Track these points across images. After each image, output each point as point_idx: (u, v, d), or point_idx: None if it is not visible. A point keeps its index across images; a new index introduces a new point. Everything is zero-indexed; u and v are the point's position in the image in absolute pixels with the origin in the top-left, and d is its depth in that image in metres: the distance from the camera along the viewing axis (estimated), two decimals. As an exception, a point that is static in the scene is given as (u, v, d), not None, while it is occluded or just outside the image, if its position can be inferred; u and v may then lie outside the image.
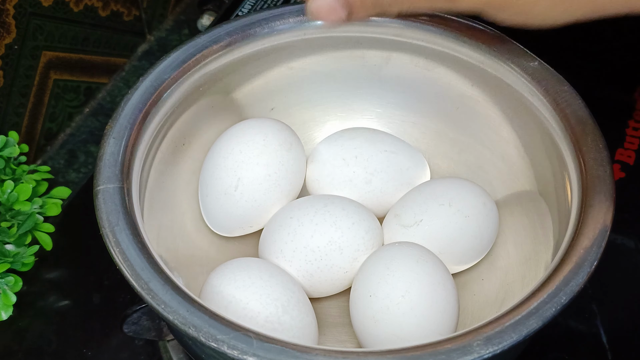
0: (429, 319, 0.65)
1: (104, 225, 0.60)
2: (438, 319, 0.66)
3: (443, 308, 0.66)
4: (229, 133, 0.75)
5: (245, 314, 0.64)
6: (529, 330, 0.53)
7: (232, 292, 0.65)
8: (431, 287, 0.66)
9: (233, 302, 0.65)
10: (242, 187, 0.73)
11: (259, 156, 0.73)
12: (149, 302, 0.55)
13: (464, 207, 0.72)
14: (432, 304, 0.66)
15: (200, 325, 0.53)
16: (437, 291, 0.66)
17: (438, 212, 0.72)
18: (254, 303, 0.65)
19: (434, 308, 0.66)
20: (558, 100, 0.68)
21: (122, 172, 0.63)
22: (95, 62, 1.02)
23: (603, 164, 0.63)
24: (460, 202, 0.72)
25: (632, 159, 0.93)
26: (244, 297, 0.65)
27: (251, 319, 0.64)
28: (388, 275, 0.67)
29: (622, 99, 0.99)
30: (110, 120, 0.66)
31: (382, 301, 0.66)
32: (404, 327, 0.65)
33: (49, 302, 0.82)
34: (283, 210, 0.74)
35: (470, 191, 0.74)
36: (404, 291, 0.65)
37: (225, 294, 0.65)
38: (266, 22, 0.75)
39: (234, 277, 0.66)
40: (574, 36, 0.87)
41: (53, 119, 0.97)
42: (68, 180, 0.95)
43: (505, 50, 0.72)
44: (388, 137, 0.79)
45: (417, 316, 0.65)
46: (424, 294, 0.66)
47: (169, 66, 0.71)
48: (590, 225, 0.59)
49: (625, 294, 0.82)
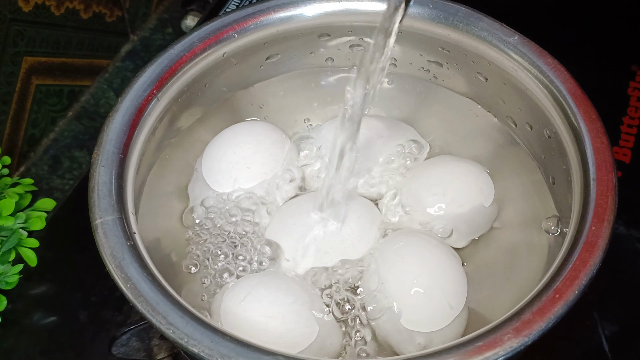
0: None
1: (109, 262, 0.57)
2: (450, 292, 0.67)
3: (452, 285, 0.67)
4: (221, 136, 0.76)
5: (268, 334, 0.63)
6: (556, 317, 0.53)
7: (251, 312, 0.64)
8: (439, 270, 0.67)
9: (255, 323, 0.63)
10: (240, 190, 0.73)
11: (254, 155, 0.74)
12: (169, 336, 0.53)
13: (459, 197, 0.73)
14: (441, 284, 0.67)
15: (227, 354, 0.52)
16: (445, 272, 0.67)
17: (432, 201, 0.74)
18: (276, 322, 0.63)
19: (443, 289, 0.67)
20: (545, 74, 0.68)
21: (117, 202, 0.61)
22: (78, 65, 1.00)
23: (599, 135, 0.63)
24: (455, 192, 0.73)
25: (627, 157, 0.91)
26: (266, 316, 0.64)
27: (276, 337, 0.63)
28: (398, 262, 0.68)
29: (615, 95, 0.98)
30: (95, 147, 0.64)
31: (394, 287, 0.67)
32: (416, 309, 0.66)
33: (34, 320, 0.80)
34: (285, 210, 0.74)
35: (464, 177, 0.74)
36: (416, 275, 0.66)
37: (244, 314, 0.64)
38: (243, 21, 0.75)
39: (251, 296, 0.65)
40: (559, 27, 0.87)
41: (36, 125, 0.95)
42: (52, 187, 0.93)
43: (483, 27, 0.72)
44: (389, 124, 0.80)
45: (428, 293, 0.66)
46: (433, 276, 0.67)
47: (145, 82, 0.69)
48: (597, 202, 0.59)
49: (625, 296, 0.81)
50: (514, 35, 0.71)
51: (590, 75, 0.72)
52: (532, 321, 0.53)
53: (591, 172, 0.61)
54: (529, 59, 0.69)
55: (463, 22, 0.72)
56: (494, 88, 0.74)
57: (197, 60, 0.72)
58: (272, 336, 0.63)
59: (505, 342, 0.52)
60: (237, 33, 0.74)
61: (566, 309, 0.53)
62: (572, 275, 0.55)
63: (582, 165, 0.62)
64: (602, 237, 0.57)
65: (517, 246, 0.72)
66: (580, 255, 0.56)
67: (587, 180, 0.61)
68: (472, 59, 0.74)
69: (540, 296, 0.54)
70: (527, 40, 0.70)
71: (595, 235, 0.57)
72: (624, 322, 0.79)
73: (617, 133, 0.94)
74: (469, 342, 0.52)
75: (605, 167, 0.61)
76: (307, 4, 0.75)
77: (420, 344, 0.66)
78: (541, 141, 0.70)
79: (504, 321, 0.53)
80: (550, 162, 0.69)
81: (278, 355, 0.52)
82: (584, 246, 0.57)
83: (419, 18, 0.74)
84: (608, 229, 0.58)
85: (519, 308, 0.54)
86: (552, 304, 0.53)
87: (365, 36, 0.78)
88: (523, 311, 0.53)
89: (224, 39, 0.73)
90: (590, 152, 0.62)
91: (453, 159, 0.77)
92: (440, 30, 0.74)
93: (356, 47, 0.80)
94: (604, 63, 1.01)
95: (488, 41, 0.71)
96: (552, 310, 0.53)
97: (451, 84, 0.79)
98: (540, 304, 0.54)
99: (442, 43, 0.75)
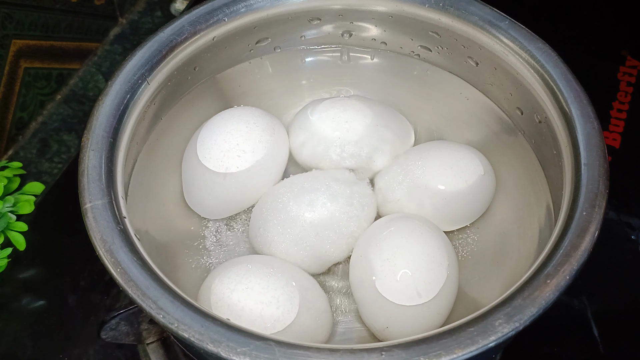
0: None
1: (99, 246, 0.56)
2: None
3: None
4: (211, 123, 0.75)
5: (260, 320, 0.63)
6: (547, 302, 0.53)
7: (242, 298, 0.64)
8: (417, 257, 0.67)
9: (246, 308, 0.63)
10: (231, 176, 0.72)
11: (245, 143, 0.73)
12: (159, 321, 0.53)
13: (456, 183, 0.73)
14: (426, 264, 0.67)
15: (218, 339, 0.51)
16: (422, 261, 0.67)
17: (415, 193, 0.74)
18: (269, 307, 0.64)
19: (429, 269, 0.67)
20: (536, 58, 0.69)
21: (107, 186, 0.60)
22: (67, 48, 0.99)
23: (590, 120, 0.64)
24: (438, 182, 0.73)
25: (617, 142, 0.92)
26: (257, 302, 0.64)
27: (267, 323, 0.63)
28: (380, 240, 0.69)
29: (605, 80, 0.98)
30: (85, 131, 0.63)
31: (379, 265, 0.67)
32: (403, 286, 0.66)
33: (23, 304, 0.80)
34: (272, 195, 0.74)
35: (460, 162, 0.74)
36: (391, 254, 0.67)
37: (234, 299, 0.64)
38: (233, 5, 0.74)
39: (240, 281, 0.65)
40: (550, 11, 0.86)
41: (24, 108, 0.95)
42: (41, 171, 0.93)
43: (474, 11, 0.72)
44: (377, 108, 0.79)
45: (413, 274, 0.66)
46: (407, 261, 0.67)
47: (135, 65, 0.69)
48: (588, 187, 0.59)
49: (614, 281, 0.81)
50: (505, 19, 0.71)
51: (581, 59, 0.72)
52: (523, 306, 0.53)
53: (582, 157, 0.61)
54: (519, 43, 0.69)
55: (454, 7, 0.72)
56: (484, 72, 0.74)
57: (187, 44, 0.72)
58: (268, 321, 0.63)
59: (497, 327, 0.52)
60: (227, 16, 0.73)
61: (557, 295, 0.53)
62: (563, 260, 0.55)
63: (573, 150, 0.62)
64: (593, 222, 0.57)
65: (508, 231, 0.72)
66: (571, 241, 0.56)
67: (578, 165, 0.61)
68: (463, 43, 0.74)
69: (532, 281, 0.54)
70: (518, 25, 0.70)
71: (586, 221, 0.57)
72: (614, 307, 0.79)
73: (607, 118, 0.94)
74: (460, 327, 0.52)
75: (597, 152, 0.61)
76: (298, -12, 0.75)
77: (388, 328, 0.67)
78: (532, 126, 0.70)
79: (495, 306, 0.53)
80: (541, 147, 0.69)
81: (269, 339, 0.51)
82: (575, 231, 0.57)
83: (409, 2, 0.74)
84: (599, 214, 0.58)
85: (510, 293, 0.54)
86: (543, 289, 0.53)
87: (355, 20, 0.78)
88: (514, 296, 0.53)
89: (214, 23, 0.73)
90: (582, 136, 0.62)
91: (449, 144, 0.77)
92: (431, 14, 0.74)
93: (346, 32, 0.79)
94: (594, 47, 1.01)
95: (479, 25, 0.71)
96: (543, 296, 0.53)
97: (442, 67, 0.79)
98: (531, 289, 0.54)
99: (433, 27, 0.75)
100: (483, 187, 0.73)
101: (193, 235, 0.75)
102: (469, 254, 0.74)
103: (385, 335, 0.68)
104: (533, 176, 0.71)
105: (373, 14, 0.77)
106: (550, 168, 0.68)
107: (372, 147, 0.77)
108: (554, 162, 0.66)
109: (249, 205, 0.77)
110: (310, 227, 0.71)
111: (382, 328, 0.67)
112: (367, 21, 0.78)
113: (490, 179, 0.74)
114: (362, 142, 0.77)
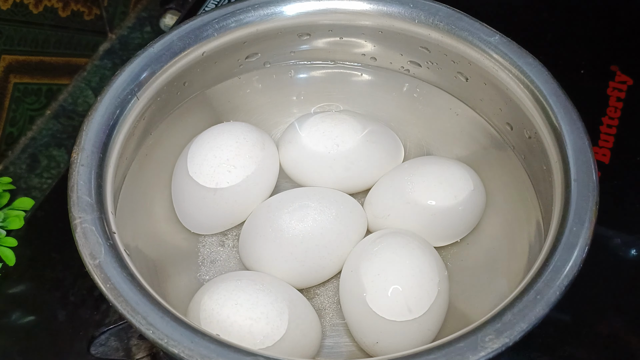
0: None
1: (88, 262, 0.57)
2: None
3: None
4: (200, 139, 0.75)
5: (249, 335, 0.63)
6: (537, 318, 0.53)
7: (231, 314, 0.64)
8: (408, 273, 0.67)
9: (235, 324, 0.63)
10: (221, 191, 0.72)
11: (235, 159, 0.73)
12: (149, 337, 0.53)
13: (446, 199, 0.73)
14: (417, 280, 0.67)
15: (208, 355, 0.51)
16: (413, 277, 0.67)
17: (405, 210, 0.74)
18: (258, 323, 0.64)
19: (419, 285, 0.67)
20: (525, 74, 0.69)
21: (97, 201, 0.60)
22: (56, 64, 0.99)
23: (580, 135, 0.64)
24: (428, 197, 0.73)
25: (607, 158, 0.92)
26: (246, 317, 0.64)
27: (257, 339, 0.63)
28: (371, 255, 0.69)
29: (595, 95, 0.98)
30: (74, 146, 0.63)
31: (369, 281, 0.67)
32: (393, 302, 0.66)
33: (12, 319, 0.79)
34: (262, 211, 0.74)
35: (451, 179, 0.74)
36: (381, 269, 0.67)
37: (224, 315, 0.64)
38: (223, 20, 0.74)
39: (229, 297, 0.65)
40: (540, 27, 0.86)
41: (14, 123, 0.94)
42: (30, 186, 0.92)
43: (464, 26, 0.72)
44: (367, 123, 0.79)
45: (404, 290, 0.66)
46: (398, 276, 0.67)
47: (124, 80, 0.69)
48: (578, 203, 0.60)
49: (605, 298, 0.81)
50: (495, 35, 0.71)
51: (570, 75, 0.72)
52: (513, 322, 0.53)
53: (572, 173, 0.61)
54: (509, 59, 0.69)
55: (444, 22, 0.72)
56: (474, 88, 0.74)
57: (176, 59, 0.72)
58: (258, 337, 0.63)
59: (487, 343, 0.52)
60: (216, 32, 0.73)
61: (547, 310, 0.53)
62: (553, 276, 0.55)
63: (563, 166, 0.62)
64: (582, 238, 0.57)
65: (498, 246, 0.73)
66: (561, 256, 0.56)
67: (568, 181, 0.61)
68: (453, 58, 0.74)
69: (522, 297, 0.54)
70: (508, 40, 0.71)
71: (576, 236, 0.57)
72: (604, 323, 0.79)
73: (596, 133, 0.94)
74: (449, 343, 0.52)
75: (587, 168, 0.61)
76: (288, 3, 0.75)
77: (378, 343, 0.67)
78: (522, 141, 0.71)
79: (485, 322, 0.53)
80: (531, 163, 0.70)
81: (258, 355, 0.51)
82: (564, 247, 0.57)
83: (399, 17, 0.74)
84: (589, 229, 0.58)
85: (500, 309, 0.54)
86: (533, 305, 0.53)
87: (345, 35, 0.78)
88: (504, 312, 0.53)
89: (204, 38, 0.73)
90: (572, 152, 0.62)
91: (439, 159, 0.77)
92: (420, 29, 0.74)
93: (336, 48, 0.80)
94: (583, 63, 1.01)
95: (469, 41, 0.71)
96: (533, 312, 0.53)
97: (431, 83, 0.79)
98: (521, 305, 0.54)
99: (423, 42, 0.75)
100: (473, 202, 0.73)
101: (183, 250, 0.75)
102: (459, 270, 0.74)
103: (375, 350, 0.67)
104: (523, 192, 0.71)
105: (363, 30, 0.77)
106: (540, 183, 0.68)
107: (362, 163, 0.77)
108: (543, 178, 0.66)
109: (241, 221, 0.77)
110: (300, 243, 0.71)
111: (372, 343, 0.67)
112: (357, 36, 0.78)
113: (480, 195, 0.74)
114: (352, 157, 0.76)
